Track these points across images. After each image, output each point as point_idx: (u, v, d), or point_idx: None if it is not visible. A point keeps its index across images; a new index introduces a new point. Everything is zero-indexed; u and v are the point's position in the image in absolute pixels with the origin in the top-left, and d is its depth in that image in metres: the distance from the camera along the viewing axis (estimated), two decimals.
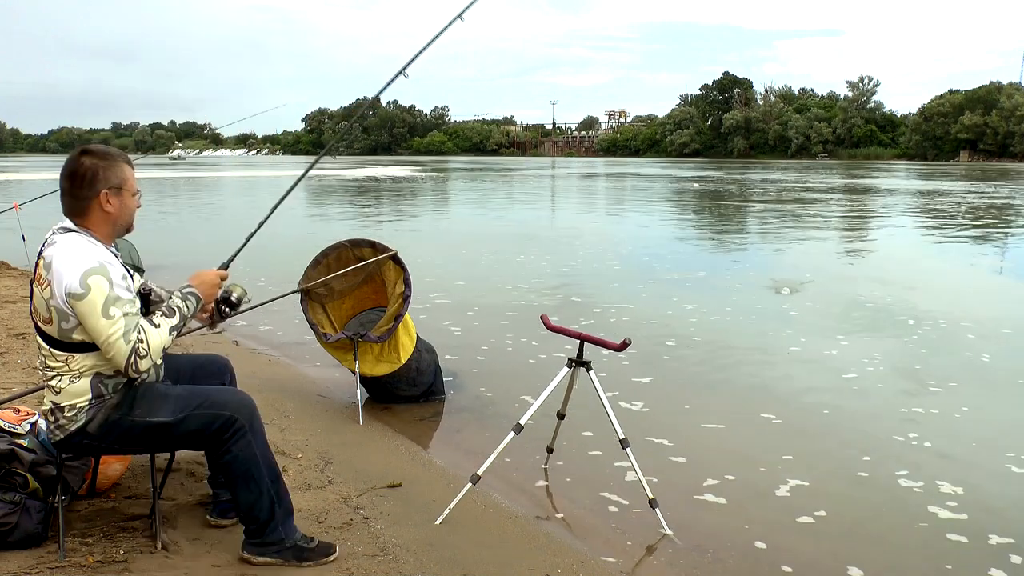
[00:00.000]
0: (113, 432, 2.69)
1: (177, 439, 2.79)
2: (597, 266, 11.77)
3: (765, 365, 6.32)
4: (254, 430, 2.78)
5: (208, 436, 2.74)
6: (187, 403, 2.74)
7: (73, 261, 2.54)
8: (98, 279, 2.53)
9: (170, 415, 2.71)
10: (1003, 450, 4.52)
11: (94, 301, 2.51)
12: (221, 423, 2.73)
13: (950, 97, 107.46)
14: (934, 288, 10.13)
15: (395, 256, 5.15)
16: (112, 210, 2.69)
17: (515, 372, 6.03)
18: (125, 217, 2.76)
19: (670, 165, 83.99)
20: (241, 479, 2.78)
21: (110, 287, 2.54)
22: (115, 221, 2.72)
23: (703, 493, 3.94)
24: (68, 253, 2.56)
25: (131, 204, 2.76)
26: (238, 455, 2.75)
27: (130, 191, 2.74)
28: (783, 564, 3.29)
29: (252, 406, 2.82)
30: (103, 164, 2.68)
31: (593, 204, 28.51)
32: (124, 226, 2.78)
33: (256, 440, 2.78)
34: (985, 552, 3.40)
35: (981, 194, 31.07)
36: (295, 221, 19.92)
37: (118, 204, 2.70)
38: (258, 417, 2.83)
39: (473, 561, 3.08)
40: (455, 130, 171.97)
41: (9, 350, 5.62)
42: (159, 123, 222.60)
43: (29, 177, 44.92)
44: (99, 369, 2.66)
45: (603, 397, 3.49)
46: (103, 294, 2.52)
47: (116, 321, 2.52)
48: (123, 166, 2.74)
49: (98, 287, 2.52)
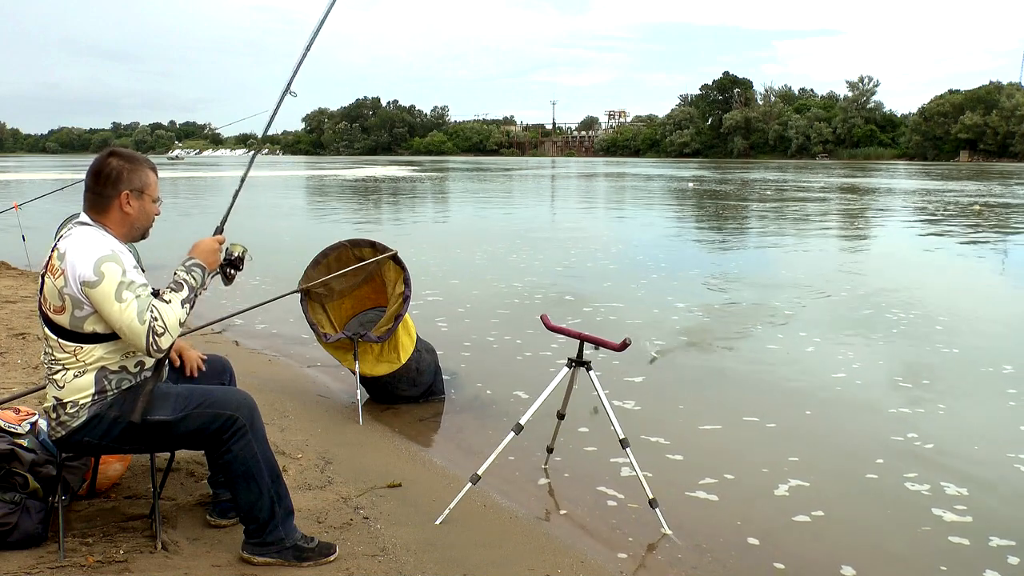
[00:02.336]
0: (114, 430, 2.70)
1: (177, 438, 2.79)
2: (591, 265, 11.81)
3: (763, 365, 6.31)
4: (254, 429, 2.79)
5: (208, 435, 2.75)
6: (188, 402, 2.74)
7: (87, 250, 2.59)
8: (111, 265, 2.57)
9: (170, 413, 2.71)
10: (1006, 451, 4.52)
11: (107, 287, 2.55)
12: (221, 422, 2.74)
13: (950, 97, 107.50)
14: (934, 287, 10.11)
15: (395, 256, 5.15)
16: (131, 212, 2.75)
17: (515, 372, 6.03)
18: (143, 221, 2.80)
19: (669, 165, 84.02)
20: (241, 478, 2.78)
21: (123, 272, 2.58)
22: (132, 223, 2.77)
23: (703, 492, 3.94)
24: (82, 243, 2.62)
25: (150, 209, 2.81)
26: (238, 454, 2.76)
27: (151, 196, 2.80)
28: (783, 564, 3.29)
29: (252, 405, 2.83)
30: (128, 166, 2.75)
31: (589, 203, 28.51)
32: (141, 229, 2.83)
33: (256, 439, 2.79)
34: (984, 554, 3.40)
35: (981, 194, 31.08)
36: (295, 221, 19.93)
37: (138, 207, 2.75)
38: (258, 416, 2.84)
39: (473, 561, 3.08)
40: (455, 130, 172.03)
41: (9, 350, 5.62)
42: (159, 123, 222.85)
43: (29, 177, 44.95)
44: (105, 363, 2.67)
45: (603, 397, 3.49)
46: (116, 280, 2.56)
47: (129, 304, 2.55)
48: (148, 172, 2.80)
49: (111, 273, 2.56)
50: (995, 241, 15.61)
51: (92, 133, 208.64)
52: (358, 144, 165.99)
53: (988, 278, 11.56)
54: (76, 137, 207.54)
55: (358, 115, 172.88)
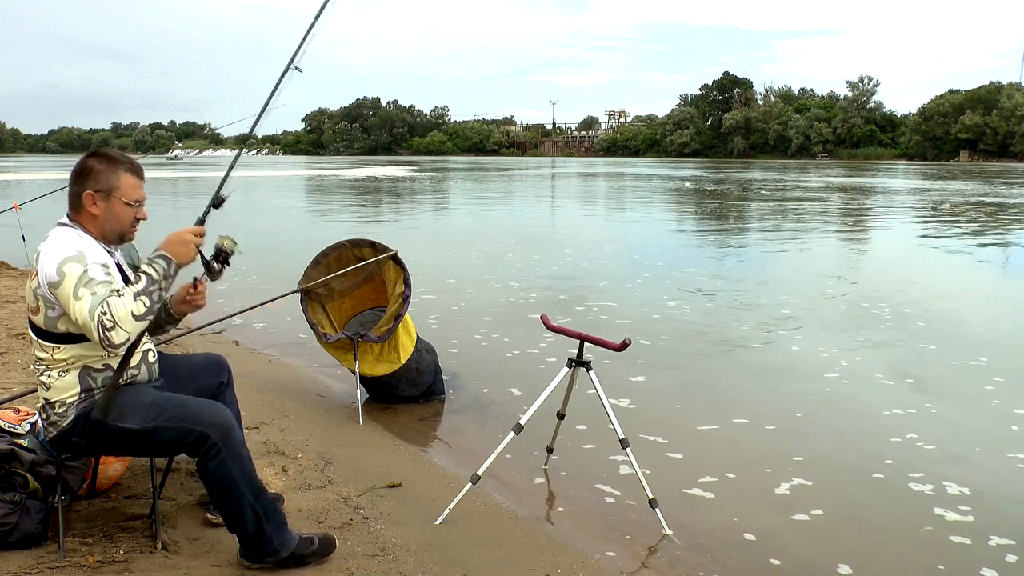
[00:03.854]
0: (95, 433, 2.67)
1: (153, 447, 2.77)
2: (587, 264, 11.81)
3: (762, 364, 6.31)
4: (229, 448, 2.69)
5: (185, 447, 2.70)
6: (159, 413, 2.67)
7: (54, 251, 2.58)
8: (72, 265, 2.54)
9: (139, 423, 2.66)
10: (1007, 451, 4.52)
11: (67, 285, 2.52)
12: (194, 439, 2.66)
13: (950, 97, 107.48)
14: (933, 287, 10.10)
15: (395, 256, 5.15)
16: (97, 212, 2.69)
17: (514, 372, 6.03)
18: (112, 223, 2.71)
19: (668, 165, 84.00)
20: (220, 494, 2.74)
21: (83, 271, 2.53)
22: (101, 225, 2.70)
23: (702, 491, 3.94)
24: (52, 245, 2.61)
25: (121, 212, 2.71)
26: (213, 472, 2.69)
27: (122, 199, 2.70)
28: (783, 563, 3.29)
29: (227, 424, 2.72)
30: (100, 166, 2.70)
31: (586, 202, 28.49)
32: (113, 232, 2.73)
33: (231, 458, 2.69)
34: (982, 554, 3.40)
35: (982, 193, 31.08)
36: (295, 221, 19.92)
37: (104, 208, 2.69)
38: (235, 435, 2.73)
39: (473, 561, 3.08)
40: (455, 130, 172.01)
41: (9, 350, 5.62)
42: (159, 123, 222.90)
43: (29, 177, 44.93)
44: (87, 362, 2.66)
45: (603, 397, 3.49)
46: (75, 277, 2.52)
47: (84, 299, 2.50)
48: (122, 174, 2.71)
49: (71, 271, 2.53)
50: (996, 240, 15.61)
51: (92, 133, 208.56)
52: (358, 144, 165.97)
53: (988, 278, 11.55)
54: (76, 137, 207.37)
55: (358, 115, 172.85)
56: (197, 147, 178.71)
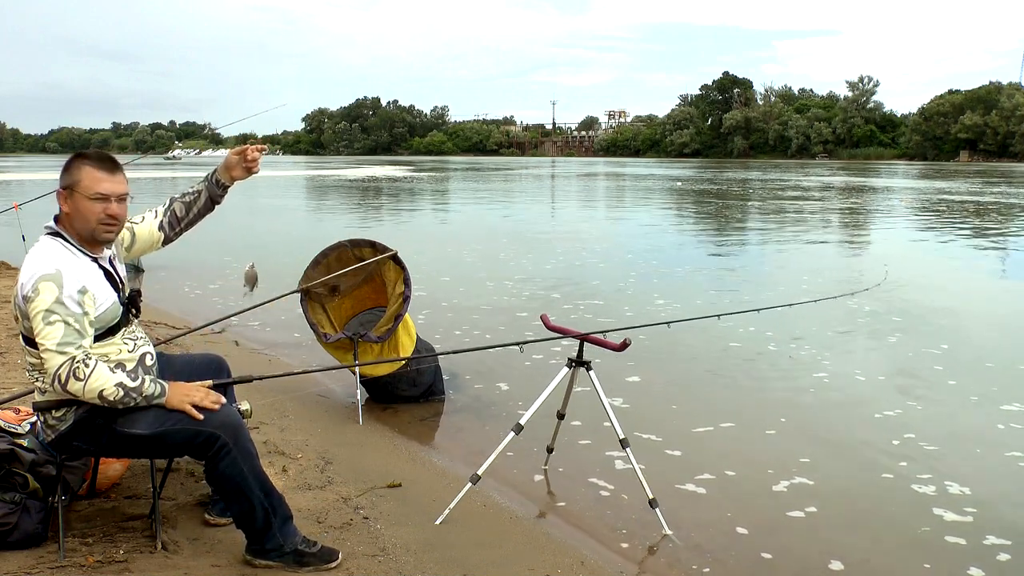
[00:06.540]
0: (100, 437, 2.68)
1: (162, 450, 2.77)
2: (580, 264, 11.83)
3: (760, 364, 6.31)
4: (240, 447, 2.69)
5: (194, 449, 2.70)
6: (166, 417, 2.66)
7: (33, 265, 2.57)
8: (48, 284, 2.51)
9: (148, 428, 2.65)
10: (1006, 450, 4.52)
11: (39, 304, 2.50)
12: (203, 439, 2.66)
13: (950, 97, 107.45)
14: (932, 286, 10.10)
15: (395, 256, 5.15)
16: (68, 210, 2.68)
17: (514, 372, 6.02)
18: (80, 221, 2.66)
19: (668, 165, 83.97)
20: (231, 493, 2.75)
21: (59, 294, 2.50)
22: (74, 223, 2.68)
23: (702, 489, 3.94)
24: (33, 257, 2.60)
25: (86, 208, 2.65)
26: (224, 471, 2.69)
27: (84, 194, 2.64)
28: (783, 563, 3.29)
29: (236, 424, 2.73)
30: (70, 163, 2.71)
31: (585, 202, 28.48)
32: (85, 231, 2.67)
33: (242, 456, 2.69)
34: (979, 554, 3.40)
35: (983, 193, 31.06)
36: (295, 221, 19.92)
37: (72, 206, 2.67)
38: (243, 433, 2.74)
39: (473, 561, 3.08)
40: (455, 130, 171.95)
41: (9, 350, 5.62)
42: (159, 123, 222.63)
43: (29, 177, 44.89)
44: None
45: (603, 397, 3.49)
46: (48, 300, 2.50)
47: (55, 327, 2.48)
48: (83, 168, 2.67)
49: (46, 292, 2.51)
50: (996, 240, 15.61)
51: (92, 133, 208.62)
52: (358, 144, 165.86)
53: (988, 278, 11.54)
54: (76, 137, 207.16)
55: (358, 115, 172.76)
56: (197, 147, 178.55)
